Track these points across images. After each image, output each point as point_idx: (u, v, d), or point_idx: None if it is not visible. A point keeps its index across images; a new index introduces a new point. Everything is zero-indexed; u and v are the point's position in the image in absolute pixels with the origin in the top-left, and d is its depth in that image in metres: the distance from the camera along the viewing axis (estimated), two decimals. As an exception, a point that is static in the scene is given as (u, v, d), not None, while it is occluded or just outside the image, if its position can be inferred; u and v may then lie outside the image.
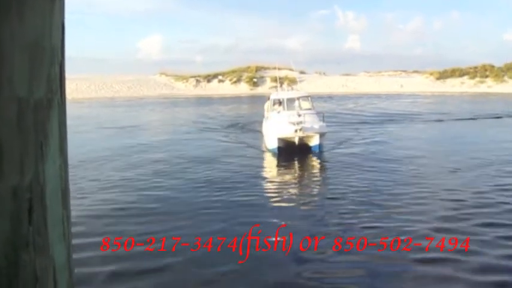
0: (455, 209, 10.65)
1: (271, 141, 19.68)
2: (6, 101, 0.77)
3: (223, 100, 60.97)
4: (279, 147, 18.97)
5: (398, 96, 63.75)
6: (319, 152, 19.09)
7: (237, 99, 62.35)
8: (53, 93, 0.87)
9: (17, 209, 0.79)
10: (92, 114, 41.15)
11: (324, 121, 20.19)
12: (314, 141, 19.21)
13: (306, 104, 21.97)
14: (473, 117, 33.93)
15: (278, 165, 17.48)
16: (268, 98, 23.81)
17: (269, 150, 19.77)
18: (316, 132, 18.99)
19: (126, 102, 58.02)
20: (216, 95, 71.28)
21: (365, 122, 31.93)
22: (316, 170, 16.71)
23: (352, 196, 11.95)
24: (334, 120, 29.86)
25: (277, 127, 19.35)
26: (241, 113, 41.14)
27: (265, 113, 23.69)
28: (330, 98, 58.46)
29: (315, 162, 17.90)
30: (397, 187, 13.06)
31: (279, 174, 16.05)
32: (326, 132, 19.61)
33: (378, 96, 64.82)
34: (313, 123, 19.52)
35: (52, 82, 0.86)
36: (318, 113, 21.20)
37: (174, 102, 58.63)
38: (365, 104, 50.90)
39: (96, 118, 36.82)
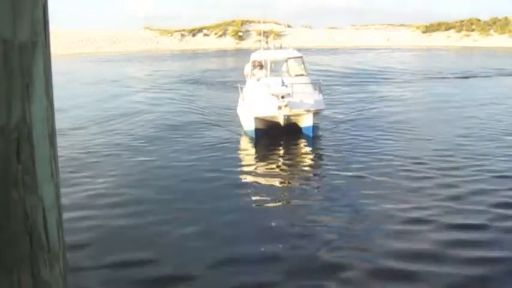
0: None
1: (246, 121, 14.85)
2: (-10, 42, 0.78)
3: (208, 54, 60.32)
4: (256, 130, 14.33)
5: (382, 50, 63.37)
6: (313, 136, 14.46)
7: (222, 53, 61.74)
8: (37, 34, 0.88)
9: (5, 148, 0.82)
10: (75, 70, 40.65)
11: (321, 92, 15.17)
12: (306, 122, 14.49)
13: (297, 68, 16.76)
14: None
15: (254, 157, 13.32)
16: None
17: (245, 133, 15.06)
18: (308, 110, 14.23)
19: (110, 58, 57.21)
20: (201, 50, 70.51)
21: (361, 80, 30.61)
22: (304, 169, 12.19)
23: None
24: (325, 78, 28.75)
25: (255, 102, 14.52)
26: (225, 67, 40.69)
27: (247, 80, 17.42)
28: (313, 51, 57.88)
29: (306, 153, 13.50)
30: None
31: (246, 177, 11.32)
32: (323, 109, 14.88)
33: (363, 49, 64.48)
34: (305, 96, 14.52)
35: (36, 24, 0.87)
36: (312, 82, 16.00)
37: (158, 57, 57.88)
38: (351, 58, 50.57)
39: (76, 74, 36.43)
